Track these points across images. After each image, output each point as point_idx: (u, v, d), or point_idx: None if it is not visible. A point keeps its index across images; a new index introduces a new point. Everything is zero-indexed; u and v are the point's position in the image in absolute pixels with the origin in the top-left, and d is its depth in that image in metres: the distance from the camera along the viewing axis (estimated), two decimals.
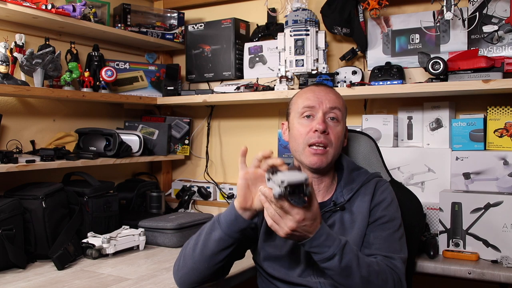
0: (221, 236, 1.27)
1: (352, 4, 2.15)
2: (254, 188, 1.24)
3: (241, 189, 1.24)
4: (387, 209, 1.38)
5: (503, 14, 1.91)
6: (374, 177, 1.45)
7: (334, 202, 1.40)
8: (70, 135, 2.25)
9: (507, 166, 1.78)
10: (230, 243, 1.27)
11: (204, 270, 1.32)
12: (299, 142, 1.39)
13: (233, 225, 1.26)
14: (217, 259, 1.30)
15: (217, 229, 1.28)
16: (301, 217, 1.12)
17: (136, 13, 2.50)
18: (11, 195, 1.80)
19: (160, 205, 2.41)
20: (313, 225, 1.15)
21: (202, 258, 1.30)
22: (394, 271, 1.29)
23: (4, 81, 1.86)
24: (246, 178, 1.24)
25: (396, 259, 1.31)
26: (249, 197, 1.24)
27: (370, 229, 1.36)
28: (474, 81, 1.80)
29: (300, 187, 1.07)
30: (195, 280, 1.35)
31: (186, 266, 1.34)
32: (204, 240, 1.31)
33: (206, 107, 2.71)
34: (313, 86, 1.47)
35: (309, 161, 1.36)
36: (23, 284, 1.54)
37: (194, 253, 1.32)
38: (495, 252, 1.68)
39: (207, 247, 1.29)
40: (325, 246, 1.17)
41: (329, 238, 1.17)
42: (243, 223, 1.26)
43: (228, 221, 1.27)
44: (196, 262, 1.32)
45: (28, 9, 1.90)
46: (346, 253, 1.18)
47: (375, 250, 1.33)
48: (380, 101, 2.23)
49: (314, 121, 1.38)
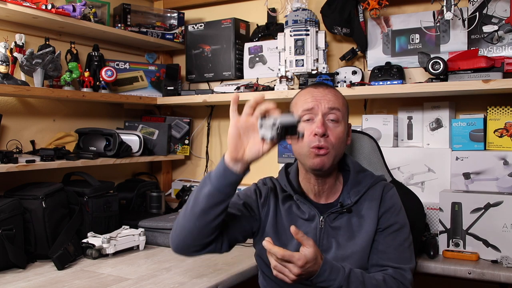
0: (211, 190, 1.22)
1: (352, 4, 2.15)
2: (245, 138, 1.20)
3: (232, 138, 1.19)
4: (397, 216, 1.38)
5: (503, 14, 1.91)
6: (380, 180, 1.44)
7: (341, 203, 1.39)
8: (70, 135, 2.25)
9: (507, 166, 1.78)
10: (220, 198, 1.23)
11: (195, 230, 1.26)
12: (302, 146, 1.36)
13: (223, 178, 1.21)
14: (208, 217, 1.24)
15: (208, 184, 1.23)
16: (303, 262, 1.14)
17: (136, 13, 2.50)
18: (11, 195, 1.80)
19: (160, 205, 2.41)
20: (316, 264, 1.18)
21: (192, 216, 1.25)
22: (403, 284, 1.31)
23: (4, 81, 1.86)
24: (237, 126, 1.20)
25: (406, 270, 1.33)
26: (240, 147, 1.20)
27: (382, 237, 1.36)
28: (474, 81, 1.80)
29: (292, 128, 1.05)
30: (188, 242, 1.29)
31: (179, 226, 1.30)
32: (195, 197, 1.26)
33: (206, 107, 2.71)
34: (311, 88, 1.43)
35: (312, 163, 1.35)
36: (23, 284, 1.54)
37: (186, 211, 1.28)
38: (495, 252, 1.68)
39: (197, 204, 1.24)
40: (330, 280, 1.20)
41: (333, 271, 1.20)
42: (233, 176, 1.21)
43: (218, 174, 1.22)
44: (187, 221, 1.27)
45: (28, 9, 1.90)
46: (352, 282, 1.21)
47: (386, 260, 1.34)
48: (380, 101, 2.23)
49: (314, 125, 1.35)
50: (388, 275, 1.31)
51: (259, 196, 1.45)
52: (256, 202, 1.44)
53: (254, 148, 1.20)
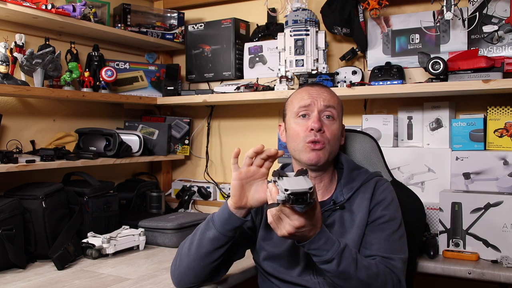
0: (215, 235, 1.29)
1: (352, 4, 2.15)
2: (248, 187, 1.26)
3: (236, 190, 1.25)
4: (387, 209, 1.38)
5: (503, 14, 1.91)
6: (374, 176, 1.45)
7: (334, 201, 1.40)
8: (70, 135, 2.25)
9: (507, 166, 1.78)
10: (224, 241, 1.30)
11: (199, 269, 1.34)
12: (297, 141, 1.39)
13: (227, 224, 1.28)
14: (212, 258, 1.32)
15: (212, 228, 1.30)
16: (300, 224, 1.12)
17: (136, 13, 2.50)
18: (11, 195, 1.80)
19: (160, 205, 2.41)
20: (312, 230, 1.16)
21: (197, 257, 1.32)
22: (394, 273, 1.29)
23: (4, 81, 1.86)
24: (239, 178, 1.25)
25: (395, 259, 1.31)
26: (244, 196, 1.26)
27: (370, 229, 1.36)
28: (474, 81, 1.80)
29: (304, 196, 1.06)
30: (191, 279, 1.37)
31: (182, 266, 1.36)
32: (199, 240, 1.32)
33: (206, 107, 2.71)
34: (308, 87, 1.47)
35: (307, 158, 1.37)
36: (23, 284, 1.54)
37: (190, 252, 1.34)
38: (495, 252, 1.68)
39: (201, 246, 1.31)
40: (323, 250, 1.18)
41: (328, 241, 1.18)
42: (237, 221, 1.28)
43: (222, 220, 1.28)
44: (191, 261, 1.34)
45: (28, 9, 1.90)
46: (345, 257, 1.19)
47: (374, 251, 1.33)
48: (380, 101, 2.23)
49: (310, 120, 1.38)
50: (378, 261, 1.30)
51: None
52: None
53: (256, 195, 1.26)
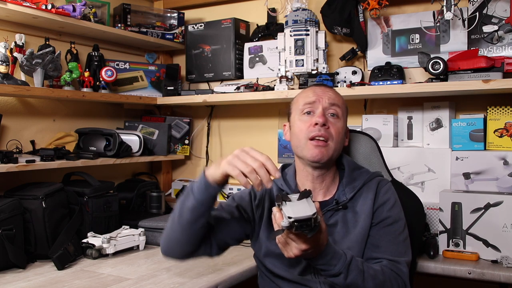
0: (194, 204, 1.29)
1: (352, 4, 2.15)
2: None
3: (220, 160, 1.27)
4: (391, 210, 1.38)
5: (503, 14, 1.91)
6: (376, 176, 1.45)
7: (337, 201, 1.40)
8: (70, 135, 2.25)
9: (507, 166, 1.78)
10: (203, 210, 1.30)
11: (183, 238, 1.34)
12: (301, 137, 1.39)
13: (204, 193, 1.28)
14: (195, 228, 1.31)
15: (190, 197, 1.30)
16: (306, 247, 1.13)
17: (136, 13, 2.50)
18: (11, 195, 1.80)
19: (160, 205, 2.41)
20: (319, 250, 1.16)
21: (180, 227, 1.33)
22: (400, 277, 1.30)
23: (4, 81, 1.86)
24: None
25: (401, 263, 1.33)
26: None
27: (376, 231, 1.36)
28: (474, 81, 1.80)
29: (308, 221, 1.07)
30: (178, 250, 1.38)
31: (168, 237, 1.38)
32: (179, 210, 1.33)
33: (206, 107, 2.71)
34: (313, 86, 1.50)
35: (310, 154, 1.37)
36: (23, 284, 1.54)
37: (173, 223, 1.35)
38: (495, 252, 1.68)
39: (182, 217, 1.32)
40: (330, 265, 1.19)
41: (335, 256, 1.19)
42: (214, 189, 1.28)
43: (200, 190, 1.29)
44: (175, 231, 1.35)
45: (28, 9, 1.90)
46: (352, 270, 1.20)
47: (382, 253, 1.34)
48: (380, 101, 2.23)
49: (315, 116, 1.39)
50: (385, 266, 1.31)
51: (253, 198, 1.47)
52: (250, 204, 1.46)
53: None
